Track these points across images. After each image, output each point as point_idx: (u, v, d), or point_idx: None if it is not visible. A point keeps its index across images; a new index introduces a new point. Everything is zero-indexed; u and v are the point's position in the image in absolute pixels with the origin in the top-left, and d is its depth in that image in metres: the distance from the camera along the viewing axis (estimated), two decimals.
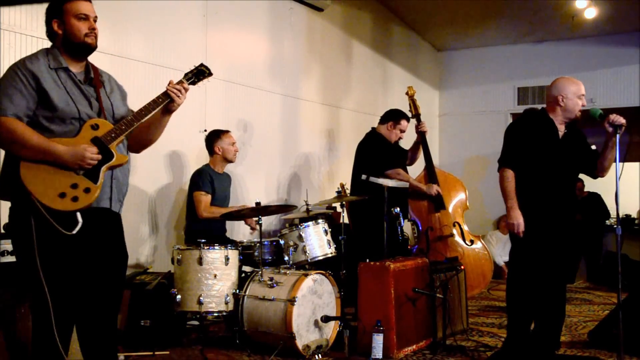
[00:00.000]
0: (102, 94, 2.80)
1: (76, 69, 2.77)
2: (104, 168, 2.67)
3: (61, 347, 2.59)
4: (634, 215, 8.54)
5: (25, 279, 2.64)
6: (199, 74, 2.96)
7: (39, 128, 2.61)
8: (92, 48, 2.75)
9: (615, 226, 3.36)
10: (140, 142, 2.94)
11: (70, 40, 2.71)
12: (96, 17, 2.76)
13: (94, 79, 2.80)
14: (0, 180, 2.67)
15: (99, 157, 2.65)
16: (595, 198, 8.01)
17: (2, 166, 2.69)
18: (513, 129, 3.87)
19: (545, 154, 3.68)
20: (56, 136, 2.62)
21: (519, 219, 3.63)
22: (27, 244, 2.57)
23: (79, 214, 2.60)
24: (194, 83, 2.96)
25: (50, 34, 2.77)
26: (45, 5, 2.82)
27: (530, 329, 3.83)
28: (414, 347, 4.19)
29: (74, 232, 2.58)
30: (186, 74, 2.95)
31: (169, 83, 2.85)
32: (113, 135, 2.69)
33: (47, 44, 2.84)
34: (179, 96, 2.81)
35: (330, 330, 4.22)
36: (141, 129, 2.84)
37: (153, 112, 2.79)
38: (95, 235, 2.70)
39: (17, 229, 2.64)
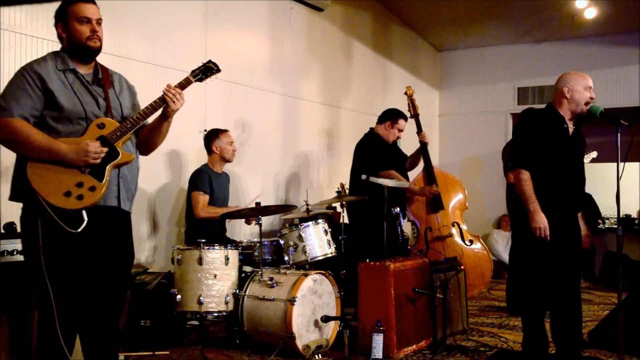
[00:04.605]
0: (111, 94, 2.83)
1: (84, 70, 2.80)
2: (109, 166, 2.70)
3: (65, 348, 2.61)
4: (634, 215, 8.53)
5: (32, 278, 2.67)
6: (207, 70, 2.96)
7: (46, 128, 2.65)
8: (94, 51, 2.77)
9: (615, 226, 3.35)
10: (145, 145, 2.98)
11: (73, 43, 2.74)
12: (100, 19, 2.77)
13: (103, 79, 2.82)
14: (13, 182, 2.72)
15: (104, 150, 2.67)
16: (587, 198, 8.01)
17: (14, 169, 2.73)
18: (524, 128, 3.75)
19: (559, 152, 3.60)
20: (63, 136, 2.66)
21: (544, 222, 3.50)
22: (34, 244, 2.60)
23: (84, 212, 2.63)
24: (201, 80, 2.96)
25: (59, 37, 2.80)
26: (45, 5, 2.83)
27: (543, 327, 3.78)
28: (414, 347, 4.19)
29: (79, 230, 2.61)
30: (193, 71, 2.96)
31: (167, 86, 2.85)
32: (118, 133, 2.72)
33: (47, 43, 2.85)
34: (174, 101, 2.81)
35: (330, 330, 4.22)
36: (144, 133, 2.90)
37: (155, 113, 2.82)
38: (102, 234, 2.73)
39: (25, 229, 2.70)
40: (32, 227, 2.61)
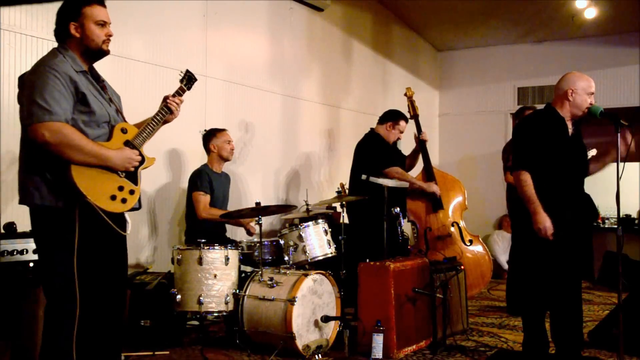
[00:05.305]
0: (112, 97, 2.85)
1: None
2: (139, 170, 2.78)
3: (75, 353, 2.59)
4: (634, 215, 8.52)
5: (50, 281, 2.62)
6: (190, 80, 3.09)
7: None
8: (107, 54, 2.80)
9: (615, 226, 3.34)
10: None
11: (87, 45, 2.72)
12: (110, 22, 2.79)
13: (102, 81, 2.83)
14: (25, 184, 2.61)
15: (140, 158, 2.76)
16: (586, 198, 7.98)
17: (25, 172, 2.63)
18: (525, 129, 3.73)
19: (559, 154, 3.58)
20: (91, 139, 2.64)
21: (545, 223, 3.47)
22: (65, 247, 2.56)
23: (127, 215, 2.73)
24: (189, 88, 3.09)
25: (63, 35, 2.73)
26: (45, 5, 2.82)
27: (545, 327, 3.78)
28: (414, 347, 4.19)
29: (128, 232, 2.71)
30: (181, 80, 3.06)
31: (166, 98, 2.94)
32: (141, 139, 2.79)
33: (47, 43, 2.83)
34: (178, 110, 2.95)
35: (330, 330, 4.22)
36: None
37: (163, 121, 2.92)
38: (115, 236, 2.76)
39: (53, 232, 2.61)
40: (66, 230, 2.56)
